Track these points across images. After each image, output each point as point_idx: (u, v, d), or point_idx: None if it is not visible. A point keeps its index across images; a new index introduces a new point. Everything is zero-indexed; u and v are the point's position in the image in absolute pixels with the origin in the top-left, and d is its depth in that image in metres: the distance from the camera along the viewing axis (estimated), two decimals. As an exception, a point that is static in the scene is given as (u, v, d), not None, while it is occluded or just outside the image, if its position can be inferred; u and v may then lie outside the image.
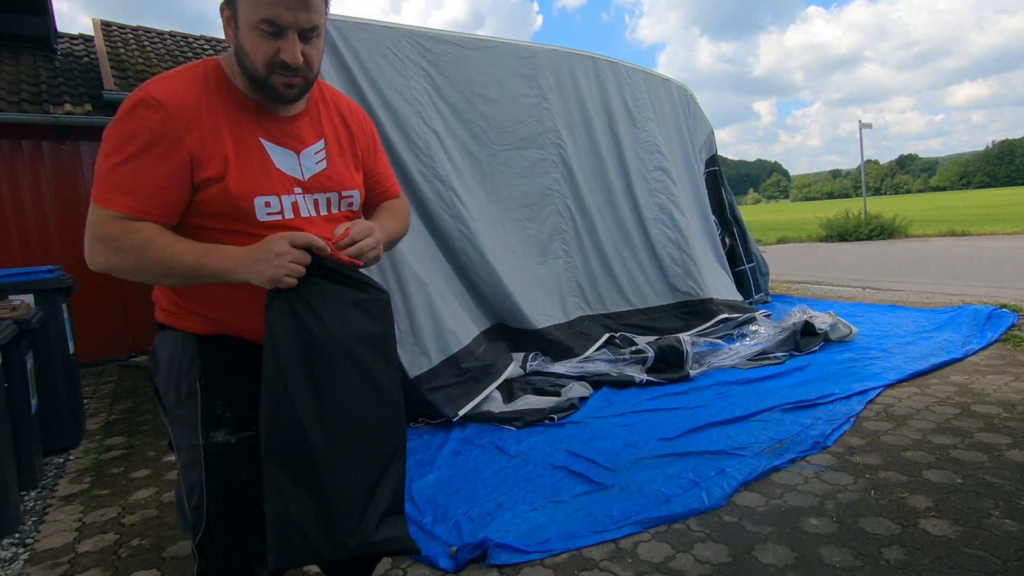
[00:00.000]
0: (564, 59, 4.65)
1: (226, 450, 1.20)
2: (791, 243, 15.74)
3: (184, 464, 1.22)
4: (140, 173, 1.11)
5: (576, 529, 2.10)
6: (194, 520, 1.21)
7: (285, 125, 1.25)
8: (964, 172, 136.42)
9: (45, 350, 3.24)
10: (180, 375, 1.22)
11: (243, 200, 1.16)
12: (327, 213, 1.29)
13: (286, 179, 1.22)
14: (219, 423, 1.21)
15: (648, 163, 5.08)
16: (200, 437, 1.19)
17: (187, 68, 1.21)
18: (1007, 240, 12.41)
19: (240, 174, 1.16)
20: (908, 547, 1.89)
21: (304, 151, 1.26)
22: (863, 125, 17.36)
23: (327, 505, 1.08)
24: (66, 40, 7.57)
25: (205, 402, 1.20)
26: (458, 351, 3.44)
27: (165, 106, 1.11)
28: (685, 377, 3.75)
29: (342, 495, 1.10)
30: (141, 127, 1.10)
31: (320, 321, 1.11)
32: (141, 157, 1.10)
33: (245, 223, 1.18)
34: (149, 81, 1.17)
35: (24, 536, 2.40)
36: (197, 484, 1.20)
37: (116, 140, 1.11)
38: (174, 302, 1.26)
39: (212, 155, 1.15)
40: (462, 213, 3.76)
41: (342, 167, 1.33)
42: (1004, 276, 7.28)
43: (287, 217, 1.21)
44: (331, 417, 1.11)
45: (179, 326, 1.25)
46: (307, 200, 1.25)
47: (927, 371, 3.62)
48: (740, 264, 6.00)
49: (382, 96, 3.57)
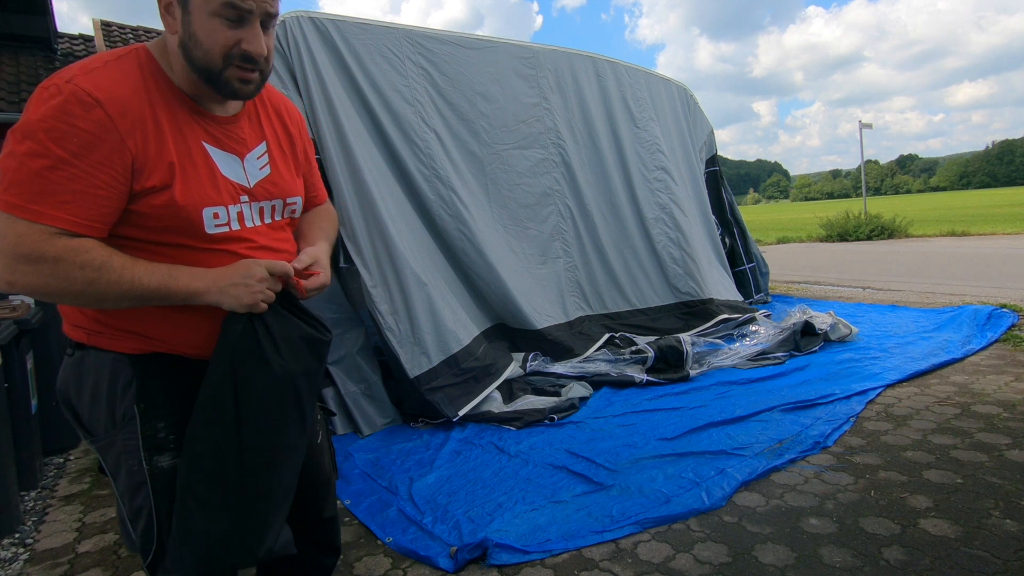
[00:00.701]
0: (564, 59, 4.65)
1: (172, 473, 1.12)
2: (791, 243, 15.73)
3: (126, 489, 1.14)
4: (73, 182, 0.96)
5: (576, 529, 2.10)
6: (143, 543, 1.15)
7: (226, 126, 1.15)
8: (964, 172, 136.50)
9: (45, 350, 3.24)
10: (113, 398, 1.12)
11: (191, 211, 1.06)
12: (271, 221, 1.22)
13: (232, 187, 1.13)
14: (163, 447, 1.12)
15: (649, 163, 5.08)
16: (144, 462, 1.11)
17: (117, 57, 1.06)
18: (1007, 240, 12.40)
19: (186, 183, 1.05)
20: (908, 547, 1.89)
21: (248, 155, 1.17)
22: (863, 125, 17.37)
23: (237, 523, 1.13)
24: (66, 40, 7.58)
25: (145, 426, 1.11)
26: (458, 351, 3.44)
27: (103, 104, 0.97)
28: (685, 377, 3.75)
29: (249, 514, 1.15)
30: (73, 127, 0.95)
31: (279, 356, 1.13)
32: (74, 163, 0.95)
33: (190, 236, 1.08)
34: (74, 71, 0.99)
35: (24, 536, 2.40)
36: (144, 508, 1.13)
37: (38, 140, 0.94)
38: (96, 320, 1.11)
39: (156, 161, 1.03)
40: (462, 213, 3.76)
41: (285, 172, 1.25)
42: (1004, 276, 7.28)
43: (234, 228, 1.13)
44: (261, 443, 1.13)
45: (106, 346, 1.12)
46: (253, 209, 1.17)
47: (927, 371, 3.62)
48: (740, 264, 6.00)
49: (382, 96, 3.57)
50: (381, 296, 3.28)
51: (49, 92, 0.97)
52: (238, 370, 1.09)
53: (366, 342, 3.42)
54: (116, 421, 1.12)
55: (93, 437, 1.16)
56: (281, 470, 1.18)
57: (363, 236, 3.29)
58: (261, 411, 1.12)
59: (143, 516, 1.14)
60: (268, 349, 1.11)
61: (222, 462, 1.10)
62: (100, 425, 1.14)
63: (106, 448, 1.15)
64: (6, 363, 2.52)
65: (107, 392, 1.12)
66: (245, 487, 1.12)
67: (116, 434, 1.13)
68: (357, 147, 3.36)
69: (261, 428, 1.12)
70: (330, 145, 3.28)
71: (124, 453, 1.12)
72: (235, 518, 1.12)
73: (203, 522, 1.10)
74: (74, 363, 1.15)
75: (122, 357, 1.12)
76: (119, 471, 1.14)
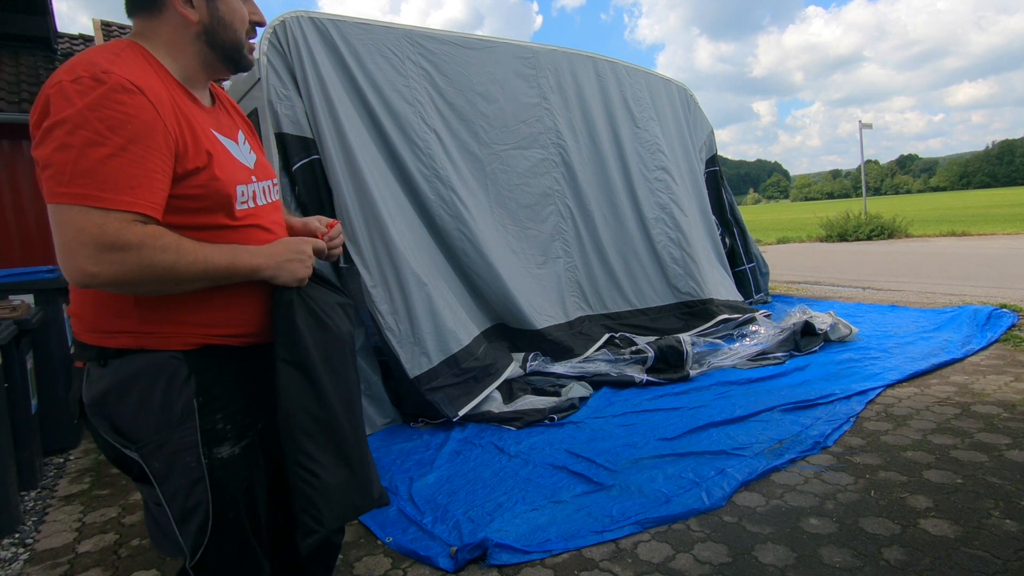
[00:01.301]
0: (565, 59, 4.65)
1: (231, 463, 1.14)
2: (791, 243, 15.73)
3: (179, 489, 1.11)
4: (135, 167, 0.96)
5: (576, 529, 2.10)
6: (194, 542, 1.13)
7: (216, 115, 1.21)
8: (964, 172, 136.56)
9: (45, 350, 3.24)
10: (169, 397, 1.10)
11: (229, 188, 1.11)
12: (271, 201, 1.29)
13: (244, 168, 1.20)
14: (221, 437, 1.13)
15: (649, 163, 5.08)
16: (203, 457, 1.11)
17: (122, 49, 1.06)
18: (1007, 240, 12.40)
19: (220, 163, 1.11)
20: (908, 547, 1.89)
21: (239, 141, 1.24)
22: (863, 125, 17.38)
23: (354, 471, 1.24)
24: (66, 40, 7.58)
25: (204, 420, 1.11)
26: (458, 351, 3.44)
27: (144, 92, 0.99)
28: (685, 377, 3.75)
29: (359, 461, 1.27)
30: (127, 115, 0.96)
31: (332, 320, 1.24)
32: (132, 149, 0.96)
33: (225, 215, 1.12)
34: (100, 62, 0.98)
35: (24, 536, 2.40)
36: (201, 503, 1.11)
37: (94, 129, 0.93)
38: (147, 319, 1.09)
39: (193, 144, 1.06)
40: (462, 213, 3.76)
41: (261, 157, 1.32)
42: (1004, 276, 7.27)
43: (251, 206, 1.18)
44: (343, 400, 1.24)
45: (155, 346, 1.10)
46: (259, 188, 1.23)
47: (927, 371, 3.62)
48: (740, 264, 6.00)
49: (382, 96, 3.58)
50: (381, 296, 3.28)
51: (86, 84, 0.95)
52: (309, 333, 1.18)
53: (366, 342, 3.42)
54: (172, 420, 1.10)
55: (136, 443, 1.11)
56: (359, 419, 1.30)
57: (363, 236, 3.29)
58: (336, 368, 1.23)
59: (199, 513, 1.11)
60: (324, 315, 1.22)
61: (321, 420, 1.19)
62: (149, 429, 1.10)
63: (154, 451, 1.10)
64: (6, 363, 2.52)
65: (161, 392, 1.09)
66: (346, 438, 1.23)
67: (170, 433, 1.10)
68: (357, 147, 3.36)
69: (339, 384, 1.23)
70: (330, 145, 3.28)
71: (180, 451, 1.10)
72: (351, 467, 1.23)
73: (327, 477, 1.18)
74: (113, 371, 1.10)
75: (176, 354, 1.11)
76: (171, 471, 1.11)
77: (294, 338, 1.16)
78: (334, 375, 1.22)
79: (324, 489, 1.17)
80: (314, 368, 1.18)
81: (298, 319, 1.17)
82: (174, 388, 1.10)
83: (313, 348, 1.18)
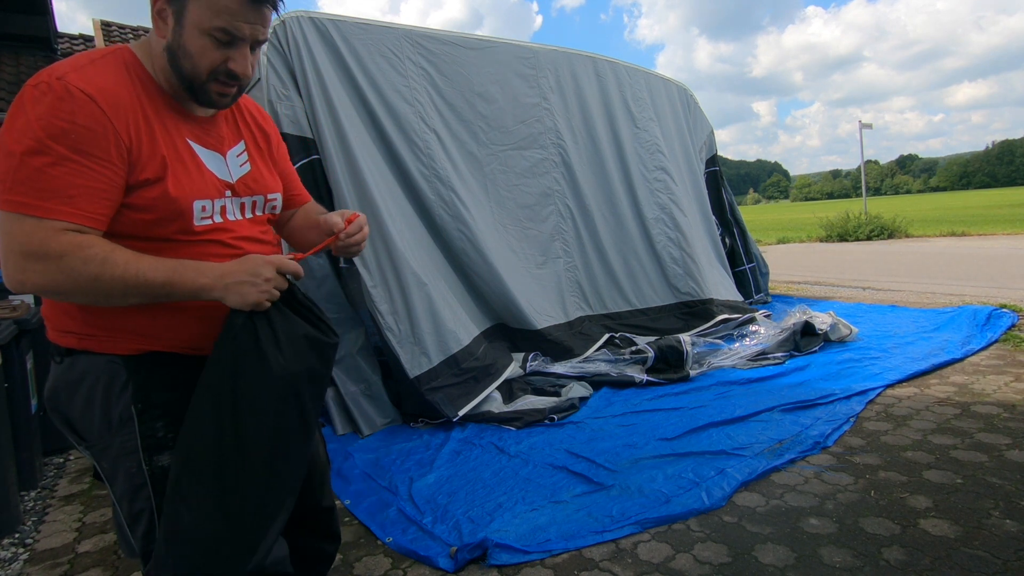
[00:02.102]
0: (564, 59, 4.65)
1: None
2: (791, 243, 15.73)
3: (124, 493, 1.12)
4: (76, 177, 0.96)
5: (576, 529, 2.10)
6: (143, 548, 1.13)
7: (206, 125, 1.19)
8: (964, 172, 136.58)
9: (45, 350, 3.23)
10: (108, 401, 1.10)
11: (183, 203, 1.08)
12: (252, 216, 1.25)
13: (218, 182, 1.16)
14: (162, 446, 1.11)
15: (649, 163, 5.08)
16: (143, 464, 1.10)
17: (102, 56, 1.07)
18: (1007, 240, 12.40)
19: (176, 176, 1.08)
20: (908, 547, 1.89)
21: (229, 152, 1.22)
22: (863, 125, 17.37)
23: (235, 528, 1.08)
24: (66, 40, 7.59)
25: (143, 427, 1.10)
26: (458, 351, 3.44)
27: (96, 99, 0.98)
28: (685, 377, 3.75)
29: (251, 522, 1.10)
30: (72, 124, 0.96)
31: (280, 355, 1.10)
32: (75, 158, 0.96)
33: (179, 231, 1.09)
34: (63, 68, 1.00)
35: (24, 536, 2.40)
36: (145, 510, 1.12)
37: (36, 138, 0.94)
38: (87, 323, 1.10)
39: (149, 154, 1.05)
40: (462, 213, 3.76)
41: (264, 169, 1.29)
42: (1004, 276, 7.27)
43: (216, 221, 1.15)
44: (264, 447, 1.10)
45: (97, 349, 1.11)
46: (235, 204, 1.20)
47: (927, 371, 3.62)
48: (740, 264, 6.00)
49: (382, 96, 3.58)
50: (381, 296, 3.28)
51: (40, 90, 0.97)
52: (238, 366, 1.07)
53: (366, 342, 3.42)
54: (112, 424, 1.11)
55: (87, 442, 1.14)
56: (279, 476, 1.13)
57: (363, 236, 3.29)
58: (259, 410, 1.08)
59: (144, 519, 1.12)
60: (269, 347, 1.08)
61: (216, 461, 1.05)
62: (94, 429, 1.12)
63: (101, 452, 1.13)
64: (6, 363, 2.52)
65: (101, 395, 1.10)
66: (238, 490, 1.07)
67: (112, 437, 1.11)
68: (357, 147, 3.36)
69: (259, 428, 1.08)
70: (330, 145, 3.28)
71: (122, 456, 1.11)
72: (226, 523, 1.07)
73: (191, 524, 1.05)
74: (63, 369, 1.13)
75: (116, 359, 1.10)
76: (116, 475, 1.12)
77: (219, 366, 1.07)
78: (257, 416, 1.08)
79: (178, 533, 1.05)
80: (227, 401, 1.06)
81: (233, 345, 1.07)
82: (112, 393, 1.10)
83: (237, 378, 1.06)
